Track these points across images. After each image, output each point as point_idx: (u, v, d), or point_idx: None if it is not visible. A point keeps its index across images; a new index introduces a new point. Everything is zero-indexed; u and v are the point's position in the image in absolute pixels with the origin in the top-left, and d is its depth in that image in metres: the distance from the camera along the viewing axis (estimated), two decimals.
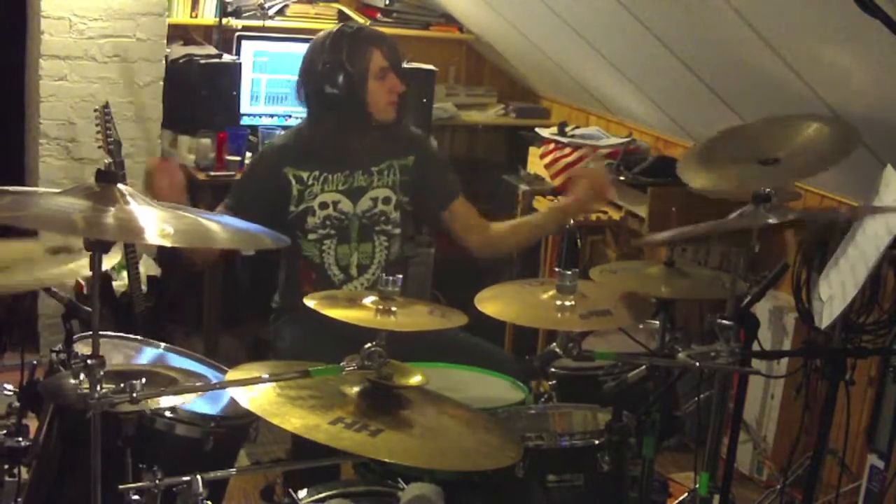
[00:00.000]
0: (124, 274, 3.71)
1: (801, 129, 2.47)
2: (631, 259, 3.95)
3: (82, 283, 3.36)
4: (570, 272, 2.10)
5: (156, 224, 1.68)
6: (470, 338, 2.78)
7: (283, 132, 3.90)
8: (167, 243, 1.69)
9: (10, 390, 2.25)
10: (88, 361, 1.65)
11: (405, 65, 3.04)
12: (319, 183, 2.88)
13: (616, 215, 4.06)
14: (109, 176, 1.73)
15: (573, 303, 2.09)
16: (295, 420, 1.77)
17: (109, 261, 2.07)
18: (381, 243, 2.94)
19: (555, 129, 4.53)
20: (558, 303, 2.09)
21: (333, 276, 2.90)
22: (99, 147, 3.57)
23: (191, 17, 4.48)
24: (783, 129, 2.52)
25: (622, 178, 4.06)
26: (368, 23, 4.63)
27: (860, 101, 2.87)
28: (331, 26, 2.97)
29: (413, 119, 3.29)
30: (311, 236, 2.88)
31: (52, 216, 1.68)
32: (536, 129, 4.64)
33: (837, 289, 2.34)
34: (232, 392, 1.87)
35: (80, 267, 2.11)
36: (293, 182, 2.86)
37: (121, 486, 1.78)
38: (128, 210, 1.68)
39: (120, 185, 1.73)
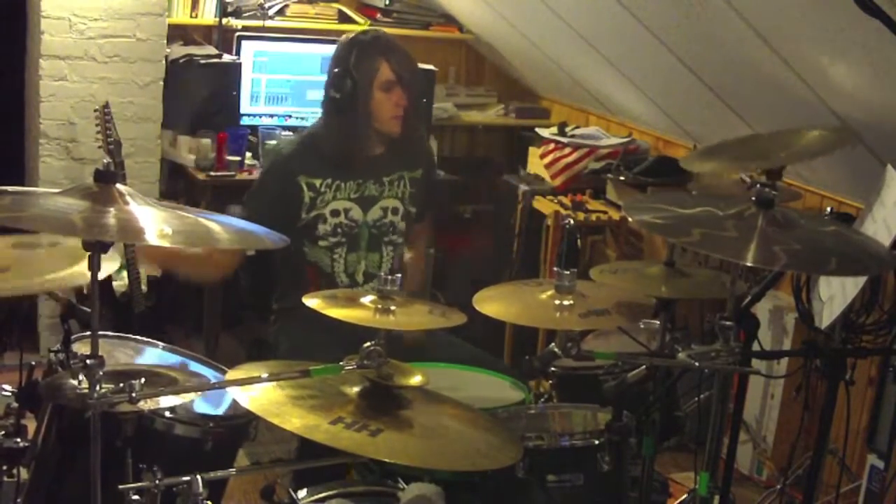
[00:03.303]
0: (124, 274, 3.71)
1: (804, 134, 2.50)
2: (631, 259, 3.95)
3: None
4: (568, 272, 2.10)
5: (155, 224, 1.68)
6: (458, 341, 2.79)
7: (290, 137, 3.89)
8: (167, 244, 1.68)
9: (8, 391, 2.24)
10: (88, 361, 1.65)
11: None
12: (332, 190, 2.87)
13: (616, 215, 4.06)
14: (108, 176, 1.73)
15: (572, 302, 2.09)
16: (295, 420, 1.77)
17: (108, 265, 2.06)
18: (389, 253, 2.95)
19: (555, 129, 4.52)
20: (556, 302, 2.09)
21: (340, 283, 2.91)
22: (99, 147, 3.57)
23: (191, 17, 4.48)
24: (788, 136, 2.54)
25: (622, 178, 4.06)
26: (368, 23, 4.62)
27: (859, 100, 2.87)
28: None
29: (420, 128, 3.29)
30: (322, 243, 2.88)
31: (51, 216, 1.68)
32: (536, 129, 4.64)
33: (837, 289, 2.34)
34: (232, 392, 1.86)
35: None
36: (305, 189, 2.85)
37: (121, 486, 1.78)
38: (127, 210, 1.68)
39: (119, 185, 1.72)
